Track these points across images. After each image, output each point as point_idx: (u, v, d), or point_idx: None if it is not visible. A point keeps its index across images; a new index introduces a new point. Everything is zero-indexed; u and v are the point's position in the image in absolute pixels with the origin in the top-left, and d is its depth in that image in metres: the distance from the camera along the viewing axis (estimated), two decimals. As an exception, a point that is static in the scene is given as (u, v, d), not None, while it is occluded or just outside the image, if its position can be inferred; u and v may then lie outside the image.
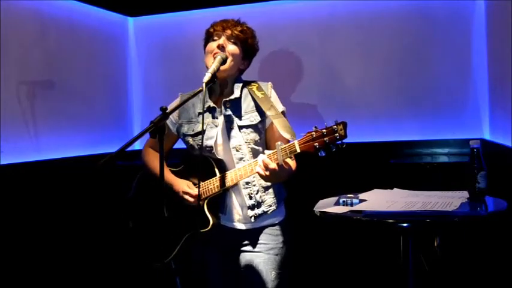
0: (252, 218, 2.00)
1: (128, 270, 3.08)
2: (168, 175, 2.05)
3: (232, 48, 1.98)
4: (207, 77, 1.82)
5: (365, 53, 3.14)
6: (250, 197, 2.00)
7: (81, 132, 3.19)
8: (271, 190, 2.04)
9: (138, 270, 3.00)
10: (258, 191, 2.00)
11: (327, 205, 1.90)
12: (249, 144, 1.98)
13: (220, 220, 2.01)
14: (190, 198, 1.95)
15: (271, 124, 1.99)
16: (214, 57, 1.92)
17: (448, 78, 2.99)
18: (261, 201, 2.01)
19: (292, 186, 2.12)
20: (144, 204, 2.13)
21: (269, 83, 2.07)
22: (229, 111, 2.00)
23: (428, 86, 3.02)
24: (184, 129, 2.06)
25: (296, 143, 1.77)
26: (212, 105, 2.02)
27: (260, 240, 2.03)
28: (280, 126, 1.85)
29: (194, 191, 1.96)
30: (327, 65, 3.21)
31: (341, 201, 1.91)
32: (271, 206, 2.02)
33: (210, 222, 1.94)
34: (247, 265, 2.02)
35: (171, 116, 2.06)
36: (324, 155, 1.75)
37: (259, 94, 1.99)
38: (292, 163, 1.89)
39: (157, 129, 1.51)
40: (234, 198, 2.03)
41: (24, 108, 2.78)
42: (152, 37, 3.66)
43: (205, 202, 1.96)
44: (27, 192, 2.69)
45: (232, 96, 2.01)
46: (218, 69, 1.89)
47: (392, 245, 2.02)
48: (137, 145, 3.11)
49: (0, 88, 2.62)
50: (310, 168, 1.99)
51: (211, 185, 1.95)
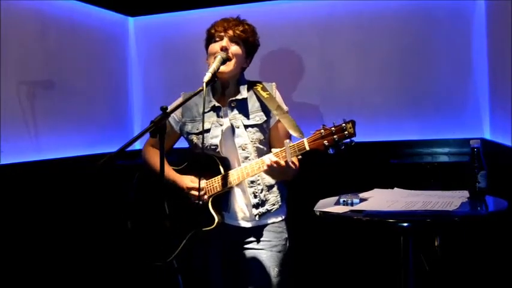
0: (257, 216, 2.01)
1: (131, 269, 3.07)
2: (171, 172, 2.05)
3: (235, 49, 1.98)
4: (207, 76, 1.83)
5: (365, 52, 3.14)
6: (255, 196, 2.01)
7: (81, 132, 3.19)
8: (274, 189, 2.05)
9: (140, 269, 3.00)
10: (262, 189, 2.02)
11: (327, 205, 1.90)
12: (255, 143, 2.00)
13: (224, 219, 2.02)
14: (195, 192, 1.95)
15: (276, 124, 2.03)
16: (214, 58, 1.93)
17: (448, 78, 2.99)
18: (265, 199, 2.02)
19: (293, 186, 2.12)
20: (146, 202, 2.13)
21: (273, 83, 2.08)
22: (235, 110, 2.01)
23: (428, 85, 3.02)
24: (188, 127, 2.07)
25: (305, 140, 1.80)
26: (217, 104, 2.03)
27: (263, 238, 2.04)
28: (289, 125, 1.88)
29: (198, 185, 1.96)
30: (327, 65, 3.21)
31: (341, 201, 1.91)
32: (274, 204, 2.04)
33: (215, 220, 1.94)
34: (250, 262, 2.03)
35: (173, 114, 2.07)
36: (333, 152, 1.78)
37: (264, 94, 2.01)
38: (296, 162, 1.90)
39: (157, 129, 1.50)
40: (237, 197, 2.03)
41: (24, 108, 2.78)
42: (152, 37, 3.66)
43: (210, 200, 1.97)
44: (27, 192, 2.69)
45: (239, 97, 2.02)
46: (218, 69, 1.89)
47: (393, 245, 2.02)
48: (137, 145, 3.10)
49: (0, 88, 2.62)
50: (311, 168, 1.99)
51: (216, 183, 1.96)
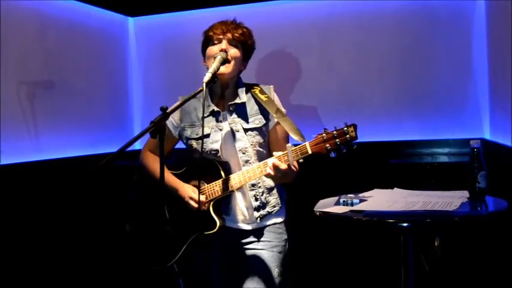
0: (258, 218, 2.02)
1: (131, 273, 3.07)
2: (172, 179, 2.04)
3: (233, 51, 1.99)
4: (208, 76, 1.82)
5: (365, 53, 3.14)
6: (256, 199, 2.01)
7: (81, 132, 3.19)
8: (274, 191, 2.06)
9: (141, 272, 2.99)
10: (263, 192, 2.02)
11: (327, 205, 1.90)
12: (255, 146, 2.00)
13: (225, 222, 2.02)
14: (195, 204, 1.96)
15: (274, 126, 2.03)
16: (214, 58, 1.93)
17: (448, 78, 2.99)
18: (265, 202, 2.03)
19: (293, 187, 2.12)
20: (146, 205, 2.12)
21: (271, 86, 2.08)
22: (234, 114, 2.01)
23: (428, 85, 3.02)
24: (188, 132, 2.06)
25: (307, 144, 1.80)
26: (216, 109, 2.02)
27: (264, 238, 2.04)
28: (289, 129, 1.89)
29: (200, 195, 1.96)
30: (327, 65, 3.21)
31: (341, 201, 1.91)
32: (275, 206, 2.06)
33: (217, 224, 1.95)
34: (251, 262, 2.03)
35: (172, 119, 2.06)
36: (334, 156, 1.79)
37: (263, 97, 2.01)
38: (296, 164, 1.91)
39: (157, 129, 1.50)
40: (238, 200, 2.04)
41: (24, 108, 2.78)
42: (152, 37, 3.66)
43: (211, 204, 1.97)
44: (27, 193, 2.69)
45: (238, 101, 2.02)
46: (218, 69, 1.89)
47: (393, 245, 2.02)
48: (137, 145, 3.10)
49: (0, 88, 2.62)
50: (311, 168, 1.99)
51: (218, 187, 1.96)
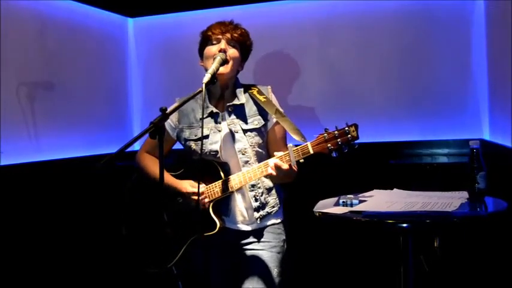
0: (258, 219, 2.02)
1: (130, 275, 3.07)
2: (169, 177, 2.04)
3: (232, 52, 1.99)
4: (207, 77, 1.82)
5: (365, 53, 3.13)
6: (256, 199, 2.01)
7: (81, 133, 3.19)
8: (273, 191, 2.07)
9: (140, 274, 2.99)
10: (262, 193, 2.03)
11: (327, 206, 1.90)
12: (254, 147, 2.00)
13: (225, 223, 2.02)
14: (195, 197, 1.95)
15: (273, 127, 2.04)
16: (213, 59, 1.92)
17: (448, 79, 2.99)
18: (265, 202, 2.03)
19: (292, 187, 2.12)
20: (144, 207, 2.12)
21: (268, 86, 2.08)
22: (233, 115, 2.01)
23: (428, 86, 3.02)
24: (186, 134, 2.06)
25: (309, 144, 1.81)
26: (215, 110, 2.02)
27: (263, 239, 2.05)
28: (289, 129, 1.89)
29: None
30: (327, 65, 3.21)
31: (341, 201, 1.91)
32: (274, 206, 2.06)
33: (217, 225, 1.94)
34: (251, 262, 2.03)
35: (170, 121, 2.06)
36: (336, 156, 1.80)
37: (261, 98, 2.01)
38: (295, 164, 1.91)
39: (157, 129, 1.51)
40: (237, 201, 2.04)
41: (24, 109, 2.78)
42: (152, 38, 3.65)
43: (211, 205, 1.96)
44: (27, 193, 2.69)
45: (237, 102, 2.02)
46: (218, 70, 1.89)
47: (392, 246, 2.02)
48: (137, 146, 3.07)
49: (0, 88, 2.62)
50: (310, 168, 1.99)
51: (217, 188, 1.96)
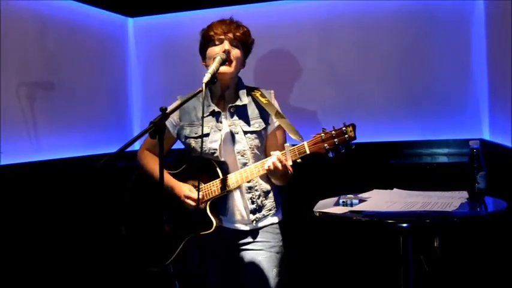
0: (254, 221, 2.02)
1: (127, 274, 3.07)
2: (168, 178, 2.04)
3: (235, 52, 1.99)
4: (207, 77, 1.82)
5: (365, 53, 3.13)
6: (253, 202, 2.02)
7: (81, 133, 3.19)
8: (271, 194, 2.07)
9: (137, 273, 2.99)
10: (259, 195, 2.03)
11: (327, 205, 1.90)
12: (253, 149, 2.01)
13: (222, 222, 2.01)
14: (192, 203, 1.96)
15: (274, 131, 2.05)
16: (213, 59, 1.92)
17: (448, 78, 2.98)
18: (262, 205, 2.04)
19: (292, 187, 2.12)
20: (143, 206, 2.12)
21: (272, 91, 2.09)
22: (235, 116, 2.01)
23: (428, 86, 3.02)
24: (186, 131, 2.06)
25: (306, 144, 1.81)
26: (217, 109, 2.03)
27: (261, 239, 2.05)
28: (288, 129, 1.90)
29: (196, 194, 1.96)
30: (327, 65, 3.21)
31: (341, 201, 1.91)
32: (271, 210, 2.07)
33: (214, 224, 1.94)
34: (249, 263, 2.03)
35: (171, 118, 2.06)
36: (333, 156, 1.79)
37: (263, 100, 2.02)
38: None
39: (157, 129, 1.51)
40: (235, 200, 2.04)
41: (24, 109, 2.78)
42: (152, 37, 3.65)
43: (208, 204, 1.96)
44: (27, 193, 2.69)
45: (239, 103, 2.02)
46: (218, 70, 1.89)
47: (392, 246, 2.02)
48: (137, 145, 3.07)
49: (0, 88, 2.62)
50: (310, 168, 1.99)
51: (214, 186, 1.96)
